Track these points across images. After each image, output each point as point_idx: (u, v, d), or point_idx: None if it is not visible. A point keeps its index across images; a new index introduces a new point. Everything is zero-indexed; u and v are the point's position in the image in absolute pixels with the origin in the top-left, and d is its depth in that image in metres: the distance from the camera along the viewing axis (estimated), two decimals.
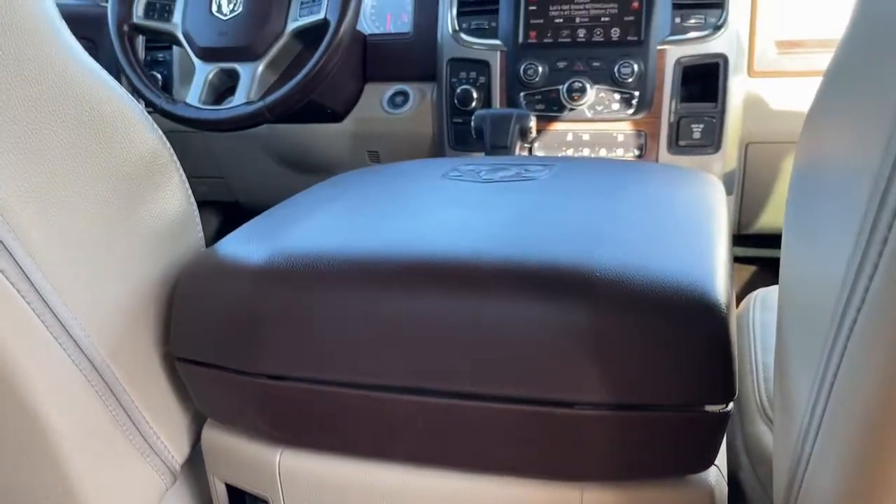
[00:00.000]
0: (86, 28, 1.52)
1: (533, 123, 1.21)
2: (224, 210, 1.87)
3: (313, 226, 0.63)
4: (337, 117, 1.49)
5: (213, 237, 1.88)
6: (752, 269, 1.63)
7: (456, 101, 1.37)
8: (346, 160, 1.55)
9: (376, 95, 1.49)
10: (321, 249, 0.57)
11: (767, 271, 1.62)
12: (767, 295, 0.92)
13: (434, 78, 1.44)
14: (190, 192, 0.66)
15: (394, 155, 1.51)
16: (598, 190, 0.67)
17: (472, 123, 1.22)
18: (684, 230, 0.60)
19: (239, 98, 1.24)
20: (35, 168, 0.50)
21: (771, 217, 1.41)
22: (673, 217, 0.62)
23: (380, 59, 1.48)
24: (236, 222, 1.89)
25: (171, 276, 0.63)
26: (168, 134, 1.36)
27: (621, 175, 0.74)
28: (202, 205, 1.84)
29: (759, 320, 0.86)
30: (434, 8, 1.43)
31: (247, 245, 0.62)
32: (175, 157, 0.64)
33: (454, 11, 1.38)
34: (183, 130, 1.34)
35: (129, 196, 0.58)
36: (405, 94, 1.47)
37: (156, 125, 0.62)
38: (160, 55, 1.59)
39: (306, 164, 1.58)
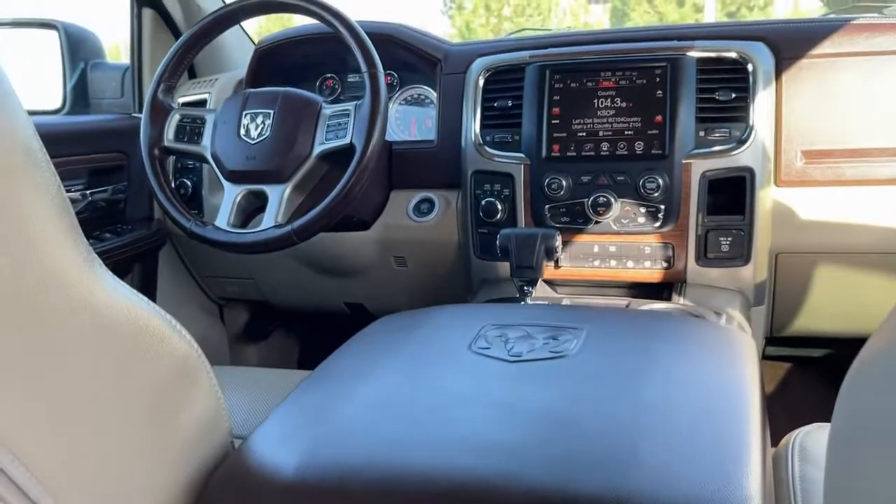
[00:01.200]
0: (119, 142, 1.56)
1: (558, 243, 1.20)
2: (253, 307, 1.89)
3: (340, 427, 0.63)
4: (364, 225, 1.50)
5: (242, 332, 1.90)
6: (785, 366, 1.60)
7: (481, 213, 1.37)
8: (374, 265, 1.55)
9: (402, 203, 1.50)
10: (347, 465, 0.57)
11: (801, 370, 1.59)
12: (808, 440, 0.90)
13: (459, 185, 1.45)
14: (218, 387, 0.67)
15: (420, 260, 1.52)
16: (627, 376, 0.67)
17: (498, 242, 1.22)
18: (717, 436, 0.59)
19: (267, 221, 1.25)
20: (58, 399, 0.51)
21: (804, 322, 1.38)
22: (705, 416, 0.61)
23: (405, 167, 1.50)
24: (265, 320, 1.91)
25: (199, 479, 0.63)
26: None
27: (652, 348, 0.73)
28: (231, 301, 1.86)
29: (799, 474, 0.84)
30: (458, 117, 1.44)
31: (275, 449, 0.62)
32: (203, 357, 0.65)
33: (477, 124, 1.39)
34: None
35: (157, 409, 0.59)
36: (431, 202, 1.48)
37: (184, 331, 0.63)
38: (190, 163, 1.63)
39: (334, 268, 1.59)
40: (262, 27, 1.57)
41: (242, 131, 1.30)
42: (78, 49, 1.70)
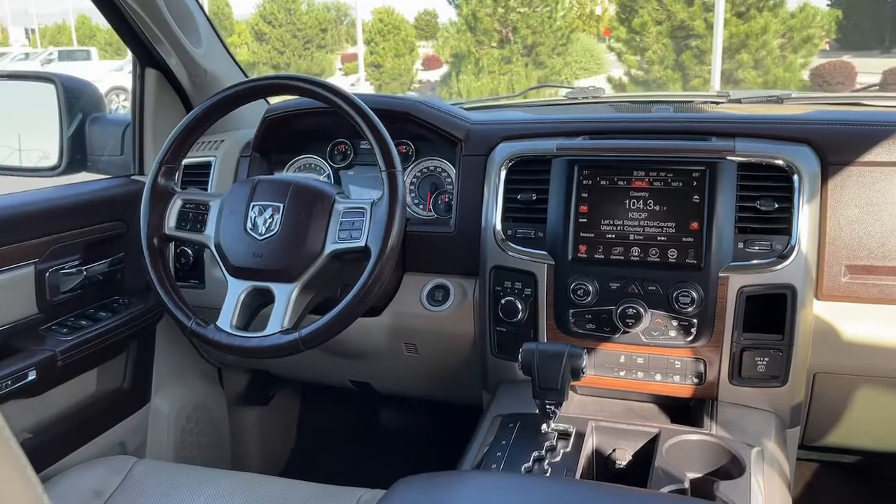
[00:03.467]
0: (118, 210, 1.47)
1: (585, 363, 1.12)
2: (253, 373, 1.81)
3: None
4: (375, 311, 1.42)
5: (241, 397, 1.82)
6: (812, 467, 1.53)
7: (500, 312, 1.29)
8: (383, 351, 1.47)
9: (415, 288, 1.42)
10: None
11: (829, 473, 1.51)
12: None
13: (476, 273, 1.36)
14: None
15: (433, 350, 1.44)
16: None
17: (520, 358, 1.14)
18: None
19: (273, 325, 1.17)
20: None
21: (837, 437, 1.31)
22: None
23: (420, 251, 1.41)
24: (265, 386, 1.83)
25: None
26: None
27: None
28: (232, 367, 1.78)
29: None
30: (477, 203, 1.36)
31: None
32: None
33: (499, 216, 1.31)
34: None
35: None
36: (446, 289, 1.40)
37: None
38: None
39: (341, 351, 1.51)
40: None
41: (249, 224, 1.21)
42: (76, 102, 1.61)
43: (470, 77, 15.98)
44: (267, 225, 1.21)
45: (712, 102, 1.65)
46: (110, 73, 16.38)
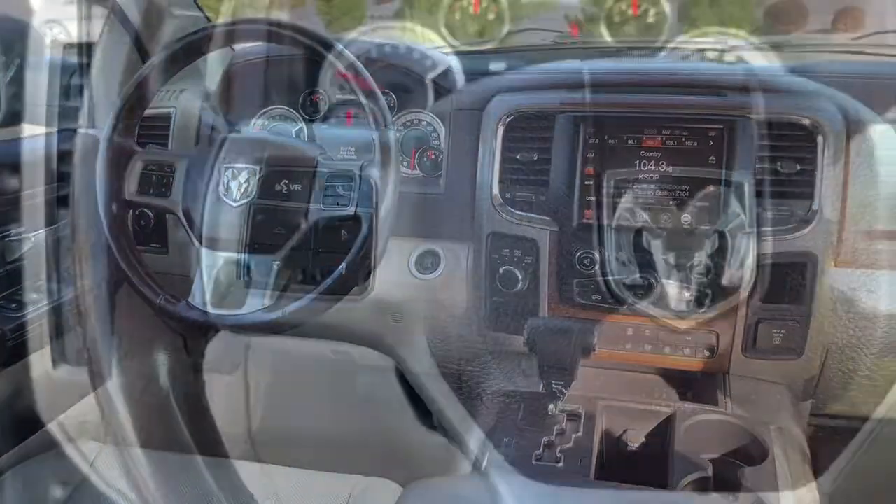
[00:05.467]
0: (65, 167, 1.31)
1: (596, 339, 1.04)
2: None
3: None
4: None
5: (207, 363, 1.71)
6: (809, 431, 1.49)
7: (498, 282, 1.20)
8: (368, 325, 1.36)
9: (403, 254, 1.30)
10: None
11: (839, 437, 1.48)
12: None
13: (469, 237, 1.26)
14: None
15: (420, 319, 1.34)
16: None
17: (526, 334, 1.06)
18: None
19: (253, 302, 1.06)
20: None
21: (841, 407, 1.26)
22: None
23: (407, 213, 1.29)
24: (232, 352, 1.71)
25: None
26: None
27: None
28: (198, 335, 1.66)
29: None
30: (470, 162, 1.24)
31: None
32: None
33: (496, 178, 1.20)
34: None
35: None
36: (435, 255, 1.29)
37: None
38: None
39: (320, 320, 1.40)
40: None
41: (222, 189, 1.09)
42: (12, 44, 1.43)
43: (423, 12, 15.52)
44: (242, 190, 1.08)
45: (711, 49, 1.55)
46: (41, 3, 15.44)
